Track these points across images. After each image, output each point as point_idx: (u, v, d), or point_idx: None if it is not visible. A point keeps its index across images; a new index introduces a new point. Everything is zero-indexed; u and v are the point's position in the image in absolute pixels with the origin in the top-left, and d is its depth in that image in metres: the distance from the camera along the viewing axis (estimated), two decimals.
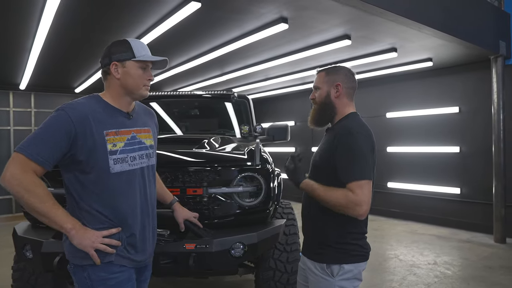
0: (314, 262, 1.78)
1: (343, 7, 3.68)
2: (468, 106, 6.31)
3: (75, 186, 1.61)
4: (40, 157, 1.48)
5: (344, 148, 1.69)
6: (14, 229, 2.57)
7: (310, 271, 1.81)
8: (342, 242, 1.75)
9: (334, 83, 1.84)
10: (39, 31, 4.18)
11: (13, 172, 1.46)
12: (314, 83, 1.92)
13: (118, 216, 1.64)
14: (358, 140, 1.69)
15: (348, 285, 1.73)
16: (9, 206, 8.01)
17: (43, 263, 2.28)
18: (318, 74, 1.92)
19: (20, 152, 1.48)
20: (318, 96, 1.89)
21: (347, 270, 1.73)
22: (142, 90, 1.71)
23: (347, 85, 1.86)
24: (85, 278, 1.59)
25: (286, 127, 3.94)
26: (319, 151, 1.86)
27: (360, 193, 1.60)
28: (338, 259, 1.73)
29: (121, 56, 1.65)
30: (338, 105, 1.85)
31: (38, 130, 1.53)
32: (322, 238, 1.78)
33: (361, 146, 1.69)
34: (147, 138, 1.79)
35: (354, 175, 1.63)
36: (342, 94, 1.84)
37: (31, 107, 8.25)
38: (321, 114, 1.89)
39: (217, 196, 2.61)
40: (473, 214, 6.26)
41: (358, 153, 1.67)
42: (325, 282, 1.73)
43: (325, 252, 1.76)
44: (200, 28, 4.40)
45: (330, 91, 1.85)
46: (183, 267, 2.30)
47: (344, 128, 1.76)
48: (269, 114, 10.21)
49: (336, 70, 1.88)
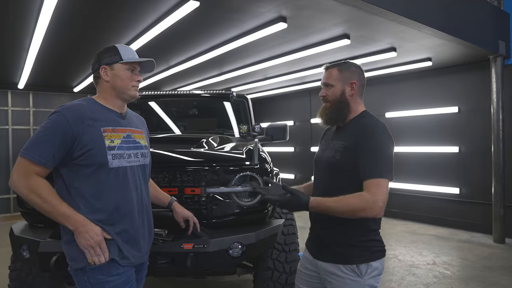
0: (337, 265, 1.71)
1: (343, 6, 3.67)
2: (468, 106, 6.30)
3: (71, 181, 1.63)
4: (42, 159, 1.56)
5: (370, 146, 1.64)
6: (11, 229, 2.56)
7: (330, 275, 1.73)
8: (366, 240, 1.72)
9: (349, 81, 1.79)
10: (37, 30, 4.17)
11: (18, 176, 1.57)
12: (325, 79, 1.84)
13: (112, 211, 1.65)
14: (384, 140, 1.66)
15: (374, 282, 1.71)
16: (7, 205, 8.00)
17: (40, 263, 2.27)
18: (328, 70, 1.84)
19: (23, 156, 1.58)
20: (332, 94, 1.81)
21: (374, 267, 1.70)
22: (131, 90, 1.77)
23: (361, 83, 1.82)
24: (85, 281, 1.62)
25: (285, 127, 3.93)
26: (338, 149, 1.76)
27: (377, 191, 1.57)
28: (366, 258, 1.69)
29: (109, 60, 1.75)
30: (352, 103, 1.81)
31: (37, 133, 1.61)
32: (344, 238, 1.72)
33: (387, 146, 1.66)
34: (141, 139, 1.85)
35: (374, 173, 1.60)
36: (356, 93, 1.81)
37: (29, 106, 8.23)
38: (335, 112, 1.81)
39: (215, 195, 2.60)
40: (472, 214, 6.26)
41: (383, 152, 1.64)
42: (354, 283, 1.68)
43: (350, 252, 1.70)
44: (198, 27, 4.39)
45: (345, 89, 1.79)
46: (181, 267, 2.28)
47: (366, 127, 1.71)
48: (268, 114, 10.21)
49: (349, 67, 1.82)
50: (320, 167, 1.87)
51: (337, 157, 1.73)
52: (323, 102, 1.87)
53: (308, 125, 9.23)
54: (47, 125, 1.61)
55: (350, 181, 1.68)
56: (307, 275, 1.89)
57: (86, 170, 1.62)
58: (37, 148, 1.57)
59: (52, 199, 1.56)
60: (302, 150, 9.43)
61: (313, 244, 1.87)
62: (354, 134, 1.72)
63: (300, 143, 9.43)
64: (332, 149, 1.79)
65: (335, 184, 1.73)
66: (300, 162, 9.47)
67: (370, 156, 1.63)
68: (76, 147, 1.60)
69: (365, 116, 1.81)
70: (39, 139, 1.59)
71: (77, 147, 1.60)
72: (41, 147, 1.57)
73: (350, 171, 1.68)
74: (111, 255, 1.62)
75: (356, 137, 1.69)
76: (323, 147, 1.92)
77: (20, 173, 1.57)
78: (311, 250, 1.88)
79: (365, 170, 1.62)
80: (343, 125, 1.84)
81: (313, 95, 9.06)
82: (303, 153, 9.40)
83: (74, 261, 1.63)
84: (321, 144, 1.98)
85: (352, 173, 1.67)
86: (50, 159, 1.57)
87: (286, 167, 9.61)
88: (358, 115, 1.81)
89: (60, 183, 1.66)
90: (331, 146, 1.81)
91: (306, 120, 9.26)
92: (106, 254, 1.60)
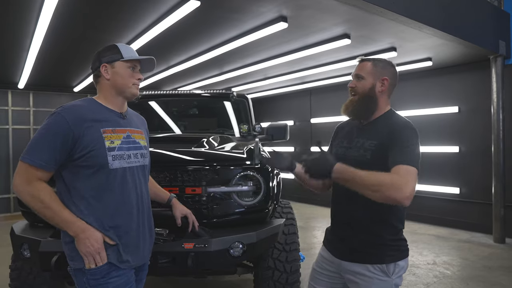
0: (365, 265, 1.69)
1: (343, 6, 3.66)
2: (468, 106, 6.30)
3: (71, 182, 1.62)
4: (43, 162, 1.55)
5: (403, 139, 1.61)
6: (12, 228, 2.57)
7: (357, 275, 1.71)
8: (396, 239, 1.71)
9: (381, 77, 1.75)
10: (37, 30, 4.17)
11: (20, 182, 1.56)
12: (357, 71, 1.79)
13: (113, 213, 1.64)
14: (414, 135, 1.64)
15: (399, 282, 1.71)
16: (7, 205, 8.00)
17: (41, 262, 2.27)
18: (362, 63, 1.80)
19: (24, 161, 1.56)
20: (361, 86, 1.76)
21: (401, 266, 1.70)
22: (132, 88, 1.76)
23: (392, 82, 1.78)
24: (84, 282, 1.61)
25: (285, 127, 3.94)
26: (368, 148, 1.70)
27: (406, 177, 1.51)
28: (395, 257, 1.69)
29: (110, 58, 1.73)
30: (380, 99, 1.76)
31: (37, 135, 1.58)
32: (375, 239, 1.70)
33: (416, 141, 1.64)
34: (141, 139, 1.83)
35: (405, 160, 1.55)
36: (386, 90, 1.76)
37: (29, 106, 8.23)
38: (363, 106, 1.76)
39: (216, 195, 2.60)
40: (472, 214, 6.26)
41: (413, 144, 1.61)
42: (382, 283, 1.66)
43: (381, 252, 1.68)
44: (198, 27, 4.39)
45: (376, 83, 1.75)
46: (181, 266, 2.29)
47: (398, 124, 1.68)
48: (268, 114, 10.21)
49: (384, 64, 1.78)
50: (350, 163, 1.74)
51: (368, 156, 1.69)
52: (351, 94, 1.82)
53: (308, 125, 9.23)
54: (47, 127, 1.59)
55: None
56: (326, 275, 1.86)
57: (86, 171, 1.61)
58: (38, 152, 1.55)
59: (54, 205, 1.55)
60: (302, 150, 9.42)
61: (337, 244, 1.83)
62: (386, 134, 1.67)
63: (300, 143, 9.43)
64: (360, 148, 1.74)
65: None
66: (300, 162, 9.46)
67: (400, 146, 1.59)
68: (77, 149, 1.58)
69: (393, 114, 1.78)
70: (39, 142, 1.57)
71: (77, 149, 1.58)
72: (42, 150, 1.55)
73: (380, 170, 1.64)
74: (110, 259, 1.61)
75: (388, 137, 1.65)
76: (345, 144, 1.84)
77: (22, 178, 1.55)
78: (333, 251, 1.83)
79: (395, 158, 1.57)
80: (369, 122, 1.79)
81: (313, 95, 9.06)
82: (303, 153, 9.38)
83: (73, 261, 1.63)
84: (339, 141, 1.91)
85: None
86: (51, 162, 1.56)
87: None
88: (386, 113, 1.78)
89: (60, 184, 1.65)
90: (358, 145, 1.76)
91: (306, 120, 9.26)
92: (104, 259, 1.60)
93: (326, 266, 1.87)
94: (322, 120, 8.76)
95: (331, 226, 1.91)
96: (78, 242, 1.56)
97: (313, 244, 5.61)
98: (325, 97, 8.78)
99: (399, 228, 1.74)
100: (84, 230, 1.56)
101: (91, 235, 1.57)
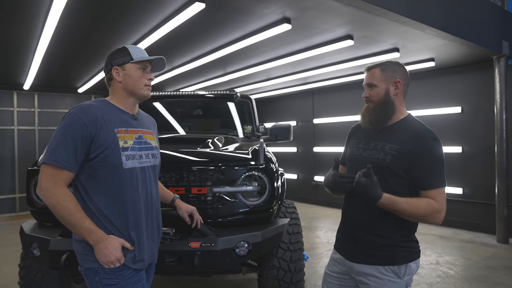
0: (376, 266, 1.70)
1: (346, 7, 3.69)
2: (471, 106, 6.31)
3: (87, 184, 1.65)
4: (66, 163, 1.58)
5: (431, 154, 1.65)
6: (22, 227, 2.61)
7: (368, 276, 1.72)
8: (408, 241, 1.73)
9: (393, 80, 1.74)
10: (44, 33, 4.22)
11: (46, 186, 1.57)
12: (368, 80, 1.79)
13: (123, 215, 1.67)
14: (440, 148, 1.67)
15: (410, 283, 1.73)
16: (13, 205, 8.06)
17: (50, 261, 2.31)
18: (370, 71, 1.80)
19: (48, 163, 1.58)
20: (376, 94, 1.75)
21: (412, 268, 1.72)
22: (143, 89, 1.80)
23: (405, 82, 1.78)
24: (96, 282, 1.64)
25: (289, 127, 3.96)
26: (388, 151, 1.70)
27: (442, 201, 1.61)
28: (406, 259, 1.70)
29: (120, 61, 1.77)
30: (397, 102, 1.76)
31: (56, 137, 1.61)
32: (386, 239, 1.71)
33: (442, 153, 1.67)
34: (152, 140, 1.87)
35: (438, 183, 1.63)
36: (401, 92, 1.76)
37: (34, 107, 8.30)
38: (381, 113, 1.75)
39: (222, 195, 2.64)
40: (476, 214, 6.27)
41: (441, 160, 1.66)
42: (394, 284, 1.69)
43: (394, 253, 1.70)
44: (203, 28, 4.43)
45: (389, 88, 1.74)
46: (188, 265, 2.32)
47: (422, 132, 1.70)
48: (271, 114, 10.24)
49: (392, 66, 1.77)
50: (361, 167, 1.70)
51: (387, 160, 1.69)
52: (366, 102, 1.81)
53: (311, 125, 9.25)
54: (65, 128, 1.61)
55: (398, 185, 1.68)
56: (336, 278, 1.88)
57: (100, 171, 1.64)
58: (60, 153, 1.57)
59: (78, 213, 1.58)
60: (305, 150, 9.45)
61: (346, 246, 1.85)
62: (409, 140, 1.67)
63: (303, 143, 9.45)
64: (380, 151, 1.74)
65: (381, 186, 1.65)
66: (302, 162, 9.49)
67: (432, 165, 1.64)
68: (92, 148, 1.62)
69: (413, 119, 1.78)
70: (60, 143, 1.59)
71: (93, 148, 1.62)
72: (64, 151, 1.57)
73: (399, 176, 1.68)
74: (125, 262, 1.65)
75: (412, 143, 1.66)
76: (362, 145, 1.84)
77: (48, 181, 1.57)
78: (345, 254, 1.84)
79: (429, 180, 1.64)
80: (388, 126, 1.78)
81: (316, 95, 9.08)
82: (305, 153, 9.42)
83: (85, 260, 1.65)
84: (355, 141, 1.91)
85: (402, 178, 1.68)
86: (74, 162, 1.59)
87: (289, 167, 9.64)
88: (405, 118, 1.78)
89: (76, 184, 1.68)
90: (377, 148, 1.76)
91: (309, 120, 9.28)
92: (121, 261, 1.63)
93: (337, 268, 1.89)
94: (325, 121, 8.79)
95: (343, 228, 1.92)
96: (97, 251, 1.59)
97: (316, 244, 5.63)
98: (327, 98, 8.80)
99: (411, 229, 1.76)
100: (103, 239, 1.59)
101: (110, 244, 1.60)
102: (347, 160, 1.93)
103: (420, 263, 1.81)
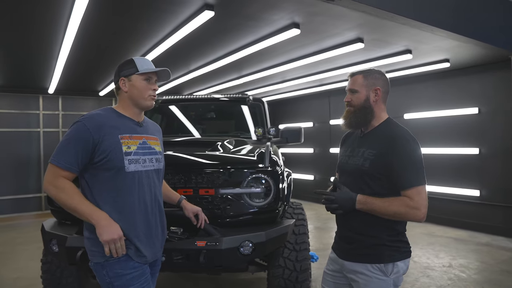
0: (364, 264, 1.79)
1: (354, 12, 3.72)
2: (488, 106, 6.20)
3: (93, 184, 1.81)
4: (67, 164, 1.74)
5: (405, 155, 1.72)
6: (43, 225, 2.80)
7: (357, 274, 1.82)
8: (395, 240, 1.81)
9: (373, 87, 1.86)
10: (65, 40, 4.46)
11: (47, 179, 1.78)
12: (350, 86, 1.91)
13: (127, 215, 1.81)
14: (415, 147, 1.74)
15: (398, 282, 1.81)
16: (39, 204, 8.46)
17: (67, 256, 2.48)
18: (353, 77, 1.91)
19: (52, 163, 1.77)
20: (356, 99, 1.88)
21: (400, 267, 1.79)
22: (147, 100, 1.92)
23: (385, 90, 1.89)
24: (104, 275, 1.79)
25: (300, 130, 3.96)
26: (367, 157, 1.82)
27: (419, 199, 1.67)
28: (393, 257, 1.78)
29: (127, 72, 1.91)
30: (376, 108, 1.87)
31: (62, 141, 1.80)
32: (373, 239, 1.80)
33: (418, 153, 1.74)
34: (156, 145, 2.00)
35: (413, 182, 1.69)
36: (380, 99, 1.87)
37: (59, 109, 8.68)
38: (359, 117, 1.88)
39: (228, 196, 2.73)
40: (493, 216, 6.15)
41: (417, 160, 1.72)
42: (381, 282, 1.76)
43: (379, 252, 1.78)
44: (215, 34, 4.56)
45: (369, 95, 1.86)
46: (194, 263, 2.44)
47: (396, 134, 1.78)
48: (288, 115, 10.30)
49: (373, 74, 1.89)
50: (347, 174, 1.91)
51: (367, 165, 1.79)
52: (347, 106, 1.93)
53: (327, 126, 9.27)
54: (70, 133, 1.78)
55: (380, 187, 1.77)
56: (333, 276, 1.98)
57: (105, 174, 1.79)
58: (63, 155, 1.75)
59: (77, 197, 1.74)
60: (321, 151, 9.46)
61: (340, 245, 1.95)
62: (384, 144, 1.77)
63: (319, 145, 9.47)
64: (361, 157, 1.84)
65: (364, 191, 1.79)
66: (319, 163, 9.51)
67: (406, 166, 1.71)
68: (97, 153, 1.77)
69: (391, 123, 1.87)
70: (63, 147, 1.77)
71: (97, 153, 1.77)
72: (66, 154, 1.75)
73: (379, 179, 1.77)
74: (129, 253, 1.79)
75: (387, 147, 1.75)
76: (348, 153, 1.96)
77: (50, 177, 1.76)
78: (337, 252, 1.96)
79: (404, 180, 1.71)
80: (368, 131, 1.90)
81: (332, 96, 9.08)
82: (322, 154, 9.43)
83: (93, 256, 1.81)
84: (343, 150, 2.04)
85: (382, 181, 1.77)
86: (74, 164, 1.75)
87: (305, 168, 9.68)
88: (383, 122, 1.88)
89: (83, 186, 1.84)
90: (359, 154, 1.86)
91: (326, 122, 9.30)
92: (124, 249, 1.76)
93: (333, 267, 1.99)
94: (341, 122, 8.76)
95: (338, 230, 2.03)
96: (99, 229, 1.71)
97: (329, 244, 5.62)
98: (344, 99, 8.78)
99: (398, 230, 1.84)
100: (105, 218, 1.74)
101: (111, 223, 1.74)
102: (337, 168, 2.05)
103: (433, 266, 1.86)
